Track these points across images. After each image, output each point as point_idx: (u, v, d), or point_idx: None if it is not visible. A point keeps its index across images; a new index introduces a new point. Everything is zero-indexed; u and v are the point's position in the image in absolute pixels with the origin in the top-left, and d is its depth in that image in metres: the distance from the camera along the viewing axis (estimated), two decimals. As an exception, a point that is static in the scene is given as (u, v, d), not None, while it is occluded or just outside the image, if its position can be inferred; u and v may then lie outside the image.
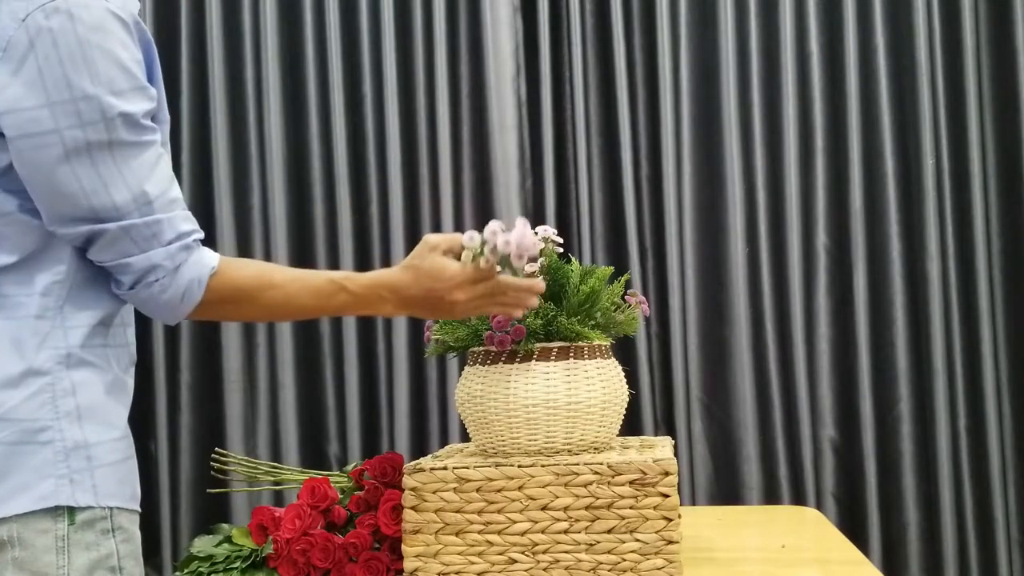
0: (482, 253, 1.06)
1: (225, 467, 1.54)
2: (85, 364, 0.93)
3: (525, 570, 1.22)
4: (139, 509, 0.97)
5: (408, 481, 1.25)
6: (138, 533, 0.97)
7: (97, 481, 0.91)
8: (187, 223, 0.96)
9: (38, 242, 0.92)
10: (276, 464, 1.74)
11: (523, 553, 1.22)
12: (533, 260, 1.14)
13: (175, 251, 0.94)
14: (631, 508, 1.20)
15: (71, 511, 0.89)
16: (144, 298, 0.96)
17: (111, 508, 0.92)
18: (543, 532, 1.22)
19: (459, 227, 2.20)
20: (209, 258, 0.98)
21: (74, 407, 0.91)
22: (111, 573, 0.92)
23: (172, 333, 2.29)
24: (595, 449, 1.30)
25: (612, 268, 1.33)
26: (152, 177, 0.93)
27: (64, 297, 0.93)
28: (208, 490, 0.96)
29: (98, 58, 0.88)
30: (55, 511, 0.89)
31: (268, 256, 2.27)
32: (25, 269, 0.92)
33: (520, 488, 1.22)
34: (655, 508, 1.20)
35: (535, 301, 1.13)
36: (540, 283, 1.13)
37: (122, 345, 1.00)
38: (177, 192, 0.97)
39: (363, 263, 2.25)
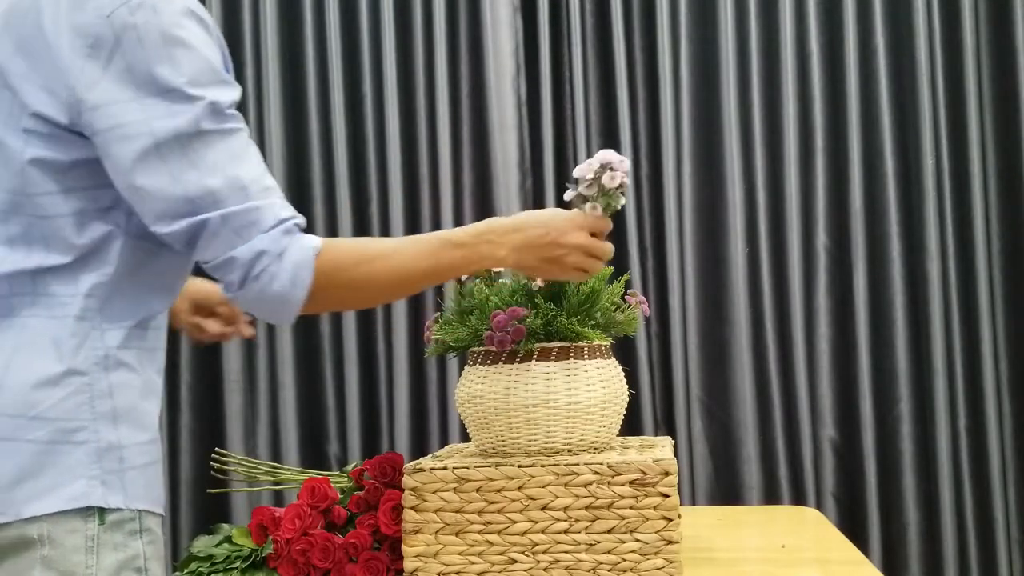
0: (593, 198, 1.09)
1: (225, 467, 1.54)
2: (121, 366, 0.93)
3: (525, 570, 1.22)
4: (163, 513, 0.97)
5: (408, 481, 1.25)
6: (161, 535, 0.97)
7: (127, 483, 0.92)
8: (285, 209, 0.94)
9: (91, 244, 0.92)
10: (276, 464, 1.74)
11: (523, 553, 1.22)
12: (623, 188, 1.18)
13: (277, 236, 0.92)
14: (631, 508, 1.20)
15: (101, 512, 0.90)
16: (256, 294, 0.93)
17: (139, 511, 0.92)
18: (543, 532, 1.22)
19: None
20: (311, 240, 0.95)
21: (110, 408, 0.91)
22: (137, 574, 0.92)
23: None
24: (595, 449, 1.30)
25: (612, 268, 1.33)
26: (243, 164, 0.93)
27: (105, 298, 0.93)
28: (208, 490, 0.96)
29: (181, 51, 0.89)
30: (86, 511, 0.89)
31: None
32: (73, 270, 0.92)
33: (520, 488, 1.22)
34: (655, 508, 1.20)
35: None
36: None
37: (156, 348, 1.00)
38: (272, 180, 0.95)
39: (363, 263, 2.24)
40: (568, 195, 1.13)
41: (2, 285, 0.91)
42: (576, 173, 1.15)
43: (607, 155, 1.15)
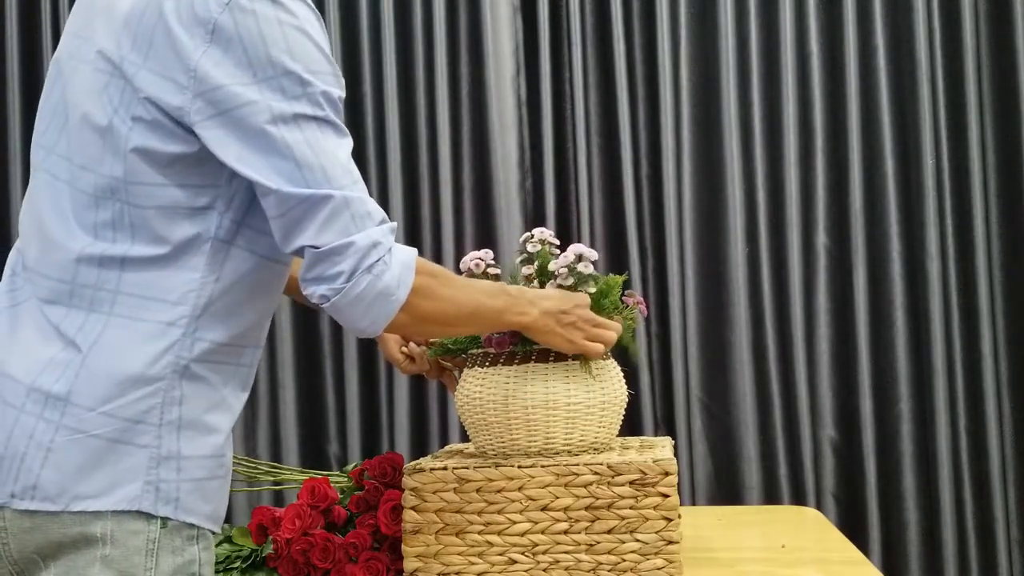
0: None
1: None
2: (198, 379, 0.93)
3: (525, 570, 1.22)
4: (216, 530, 0.97)
5: (408, 481, 1.25)
6: (212, 543, 0.97)
7: (182, 494, 0.91)
8: (382, 212, 0.95)
9: (179, 243, 0.92)
10: (276, 464, 1.74)
11: (523, 554, 1.22)
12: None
13: (387, 231, 0.93)
14: (631, 508, 1.20)
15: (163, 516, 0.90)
16: (364, 288, 0.91)
17: (187, 524, 0.92)
18: (543, 532, 1.22)
19: (459, 227, 2.20)
20: (408, 249, 0.96)
21: (177, 417, 0.91)
22: None
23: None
24: (595, 450, 1.30)
25: (621, 276, 1.33)
26: (351, 162, 0.93)
27: (201, 308, 0.92)
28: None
29: (298, 40, 0.90)
30: (149, 514, 0.89)
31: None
32: (160, 266, 0.91)
33: (520, 489, 1.22)
34: (655, 508, 1.20)
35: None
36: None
37: (242, 365, 0.99)
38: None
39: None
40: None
41: (90, 273, 0.91)
42: (552, 267, 1.27)
43: (578, 247, 1.27)
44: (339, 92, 0.94)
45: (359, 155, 2.24)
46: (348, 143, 0.94)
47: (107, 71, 0.91)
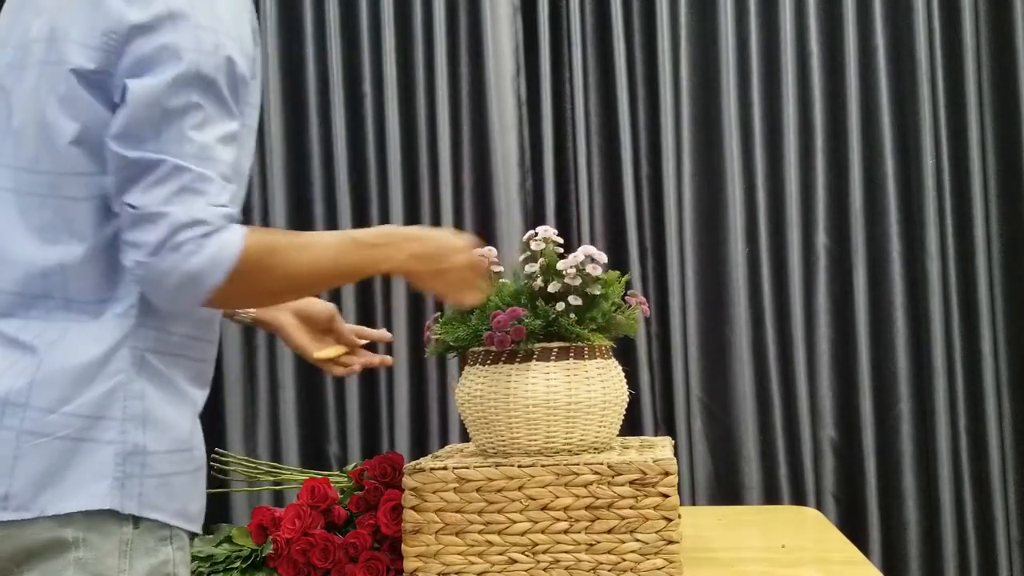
0: None
1: (225, 467, 1.54)
2: (156, 373, 0.92)
3: (525, 570, 1.22)
4: (184, 527, 0.95)
5: (408, 481, 1.25)
6: (188, 544, 0.96)
7: (145, 489, 0.90)
8: (235, 205, 0.91)
9: (113, 235, 0.90)
10: (276, 464, 1.74)
11: (523, 553, 1.22)
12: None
13: (220, 215, 0.87)
14: (631, 508, 1.20)
15: (135, 516, 0.89)
16: (168, 266, 0.85)
17: (161, 524, 0.91)
18: (543, 532, 1.22)
19: (459, 227, 2.20)
20: (241, 228, 0.90)
21: (140, 411, 0.90)
22: None
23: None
24: (595, 449, 1.30)
25: (619, 273, 1.33)
26: (228, 145, 0.90)
27: (142, 298, 0.91)
28: (208, 490, 0.95)
29: (228, 12, 0.91)
30: (121, 515, 0.88)
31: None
32: (99, 262, 0.91)
33: (520, 488, 1.22)
34: (655, 508, 1.20)
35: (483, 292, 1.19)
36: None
37: (197, 360, 0.98)
38: (237, 184, 0.93)
39: (363, 263, 2.24)
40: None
41: (41, 281, 0.90)
42: (560, 266, 1.28)
43: (588, 249, 1.30)
44: (245, 70, 0.92)
45: (359, 155, 2.25)
46: (229, 127, 0.91)
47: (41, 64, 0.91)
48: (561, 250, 1.32)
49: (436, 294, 1.17)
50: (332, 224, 2.25)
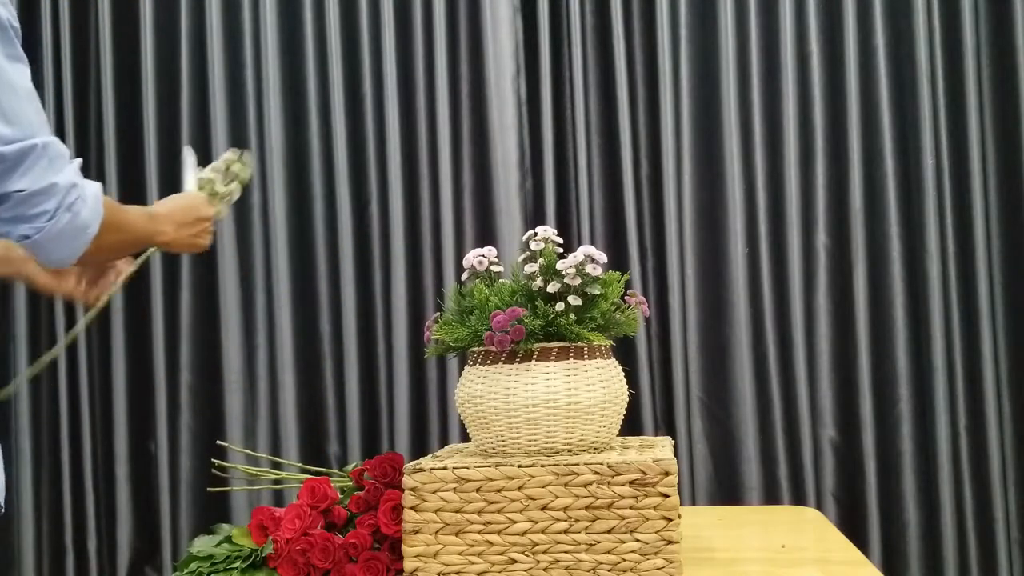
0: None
1: (225, 465, 1.54)
2: None
3: (525, 570, 1.22)
4: None
5: (408, 481, 1.25)
6: None
7: None
8: (66, 147, 1.00)
9: None
10: (277, 460, 1.74)
11: (523, 553, 1.22)
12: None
13: (77, 167, 0.99)
14: (631, 508, 1.20)
15: None
16: (65, 223, 0.96)
17: None
18: (543, 532, 1.22)
19: (459, 227, 2.20)
20: (93, 183, 1.02)
21: None
22: None
23: (172, 333, 2.29)
24: (595, 449, 1.29)
25: (619, 273, 1.33)
26: (35, 95, 0.98)
27: None
28: (208, 488, 0.95)
29: None
30: None
31: (268, 256, 2.27)
32: None
33: (520, 488, 1.22)
34: (655, 508, 1.20)
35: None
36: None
37: None
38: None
39: (363, 263, 2.25)
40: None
41: None
42: (560, 266, 1.27)
43: (588, 248, 1.29)
44: (16, 32, 0.99)
45: (358, 155, 2.25)
46: (27, 70, 0.99)
47: None
48: (561, 250, 1.32)
49: (182, 251, 1.31)
50: (332, 224, 2.25)
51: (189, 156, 1.42)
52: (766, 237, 2.15)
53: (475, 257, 1.33)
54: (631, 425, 1.96)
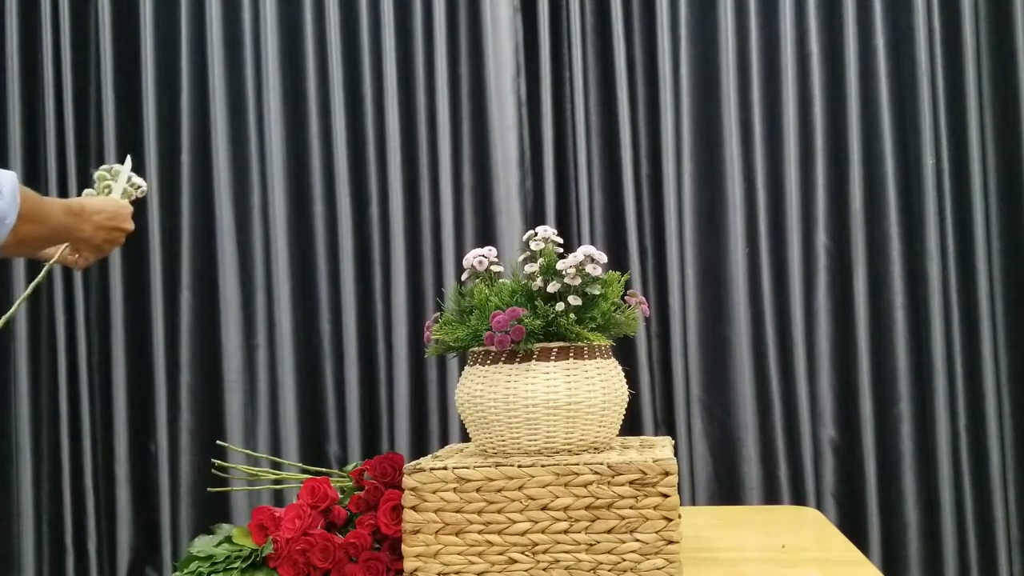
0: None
1: (225, 465, 1.54)
2: None
3: (525, 570, 1.22)
4: None
5: (408, 481, 1.25)
6: None
7: None
8: None
9: None
10: (276, 458, 1.74)
11: (523, 553, 1.22)
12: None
13: None
14: (631, 508, 1.20)
15: None
16: None
17: None
18: (543, 532, 1.22)
19: (459, 227, 2.20)
20: (8, 172, 1.03)
21: None
22: None
23: (172, 333, 2.29)
24: (595, 449, 1.29)
25: (619, 273, 1.33)
26: None
27: None
28: (208, 488, 0.95)
29: None
30: None
31: (268, 256, 2.27)
32: None
33: (520, 488, 1.22)
34: (655, 508, 1.20)
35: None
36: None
37: None
38: None
39: (363, 263, 2.25)
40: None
41: None
42: (560, 266, 1.29)
43: (588, 248, 1.30)
44: None
45: (358, 155, 2.25)
46: None
47: None
48: (561, 250, 1.32)
49: (94, 254, 1.31)
50: (332, 224, 2.25)
51: (127, 164, 1.44)
52: (766, 237, 2.15)
53: (475, 257, 1.33)
54: (631, 425, 1.97)
